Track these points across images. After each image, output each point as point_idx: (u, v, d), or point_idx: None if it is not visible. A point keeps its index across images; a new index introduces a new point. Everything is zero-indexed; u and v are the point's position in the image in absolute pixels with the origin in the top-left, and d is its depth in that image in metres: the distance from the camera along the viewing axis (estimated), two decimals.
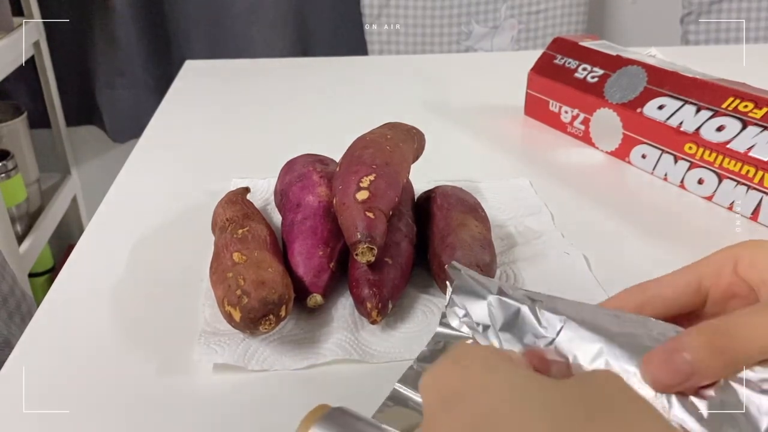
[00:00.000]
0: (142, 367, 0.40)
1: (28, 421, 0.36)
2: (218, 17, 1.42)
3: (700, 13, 1.36)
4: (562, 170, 0.63)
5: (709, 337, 0.25)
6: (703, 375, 0.25)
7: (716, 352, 0.25)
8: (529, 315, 0.31)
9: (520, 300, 0.32)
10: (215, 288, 0.40)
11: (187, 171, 0.64)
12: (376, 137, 0.48)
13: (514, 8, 1.42)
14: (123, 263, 0.49)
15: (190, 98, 0.83)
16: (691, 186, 0.58)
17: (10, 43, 1.24)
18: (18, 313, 0.74)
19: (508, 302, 0.32)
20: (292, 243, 0.44)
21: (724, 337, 0.25)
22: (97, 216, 0.56)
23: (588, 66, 0.68)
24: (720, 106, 0.56)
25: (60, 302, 0.46)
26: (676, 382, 0.25)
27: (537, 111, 0.73)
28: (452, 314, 0.34)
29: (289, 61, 1.07)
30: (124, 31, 1.40)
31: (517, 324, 0.31)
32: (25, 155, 1.39)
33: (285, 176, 0.51)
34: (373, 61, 1.14)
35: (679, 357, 0.25)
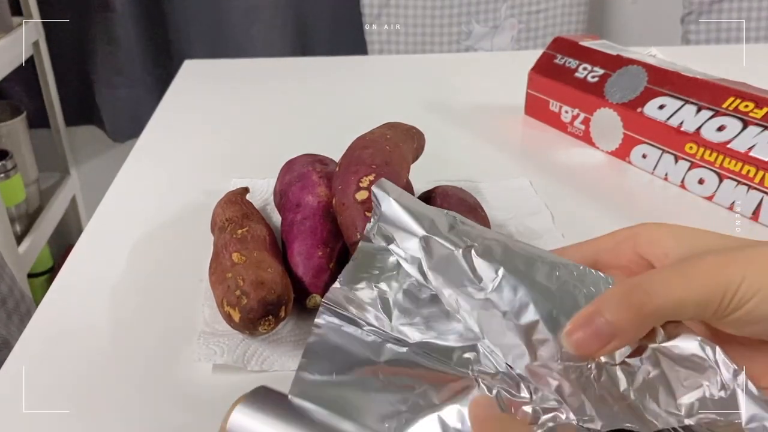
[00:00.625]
0: (141, 368, 0.39)
1: (28, 421, 0.36)
2: (218, 17, 1.42)
3: (700, 12, 1.36)
4: (562, 170, 0.63)
5: (626, 295, 0.26)
6: (624, 335, 0.26)
7: (633, 309, 0.26)
8: (462, 262, 0.30)
9: (454, 243, 0.31)
10: (214, 288, 0.40)
11: (187, 171, 0.64)
12: (375, 137, 0.48)
13: (515, 8, 1.42)
14: (122, 263, 0.49)
15: (190, 98, 0.83)
16: (691, 186, 0.58)
17: (9, 43, 1.24)
18: (17, 313, 0.74)
19: (439, 242, 0.31)
20: (291, 243, 0.44)
21: (640, 294, 0.26)
22: (97, 216, 0.56)
23: (588, 66, 0.68)
24: (720, 106, 0.56)
25: (59, 302, 0.45)
26: (598, 346, 0.26)
27: (537, 111, 0.73)
28: (377, 238, 0.33)
29: (288, 61, 1.07)
30: (123, 30, 1.40)
31: (449, 269, 0.31)
32: (24, 155, 1.39)
33: (284, 176, 0.51)
34: (373, 61, 1.14)
35: (599, 320, 0.26)
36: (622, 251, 0.31)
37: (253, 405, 0.29)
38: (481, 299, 0.30)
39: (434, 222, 0.32)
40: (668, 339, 0.27)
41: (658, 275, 0.27)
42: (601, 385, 0.27)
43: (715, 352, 0.26)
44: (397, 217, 0.32)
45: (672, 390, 0.26)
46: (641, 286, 0.26)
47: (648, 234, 0.31)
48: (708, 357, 0.26)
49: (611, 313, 0.26)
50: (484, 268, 0.30)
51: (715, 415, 0.25)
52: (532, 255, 0.31)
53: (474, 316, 0.30)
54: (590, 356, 0.26)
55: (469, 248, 0.31)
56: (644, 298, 0.26)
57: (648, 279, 0.27)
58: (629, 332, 0.26)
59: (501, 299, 0.29)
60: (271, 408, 0.29)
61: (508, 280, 0.30)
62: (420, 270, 0.32)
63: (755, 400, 0.25)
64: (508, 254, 0.31)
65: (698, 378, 0.26)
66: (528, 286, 0.29)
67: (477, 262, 0.30)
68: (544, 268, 0.30)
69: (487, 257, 0.30)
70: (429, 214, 0.32)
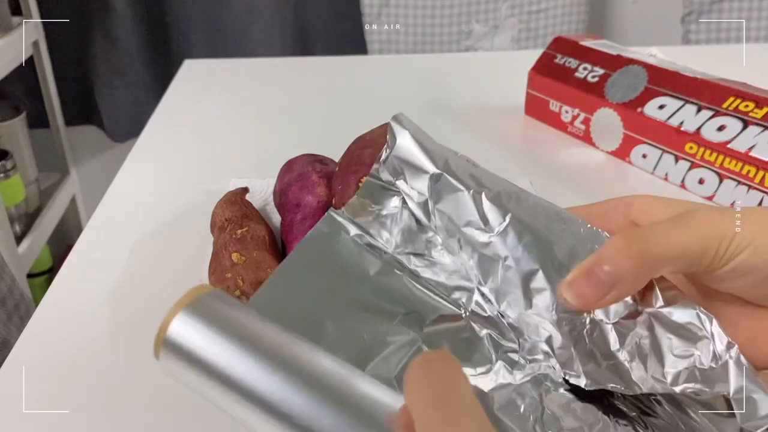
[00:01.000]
0: (141, 368, 0.39)
1: (28, 421, 0.36)
2: (218, 16, 1.42)
3: (701, 12, 1.35)
4: (562, 170, 0.63)
5: (626, 243, 0.27)
6: (624, 284, 0.26)
7: (633, 257, 0.26)
8: (470, 202, 0.30)
9: (466, 183, 0.31)
10: None
11: (186, 171, 0.63)
12: (375, 137, 0.48)
13: (515, 7, 1.42)
14: (122, 263, 0.49)
15: (189, 98, 0.83)
16: (691, 186, 0.58)
17: (9, 43, 1.24)
18: (16, 314, 0.74)
19: (450, 182, 0.31)
20: (291, 243, 0.44)
21: (640, 242, 0.27)
22: (96, 216, 0.56)
23: (588, 65, 0.68)
24: (721, 106, 0.56)
25: (59, 302, 0.45)
26: (599, 295, 0.26)
27: (537, 110, 0.73)
28: (386, 172, 0.32)
29: (288, 61, 1.07)
30: (123, 30, 1.40)
31: (457, 209, 0.30)
32: (23, 155, 1.39)
33: (284, 176, 0.51)
34: (373, 61, 1.13)
35: (599, 269, 0.26)
36: (614, 217, 0.32)
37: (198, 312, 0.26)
38: (484, 242, 0.30)
39: (448, 161, 0.31)
40: (666, 305, 0.27)
41: (657, 226, 0.27)
42: (593, 341, 0.27)
43: (711, 323, 0.26)
44: (410, 151, 0.32)
45: (662, 357, 0.26)
46: (642, 235, 0.27)
47: (641, 203, 0.31)
48: (704, 327, 0.26)
49: (612, 261, 0.26)
50: (493, 212, 0.30)
51: (702, 386, 0.25)
52: (542, 207, 0.31)
53: (474, 259, 0.30)
54: (590, 307, 0.27)
55: (480, 191, 0.30)
56: (644, 245, 0.26)
57: (648, 229, 0.27)
58: (629, 280, 0.26)
59: (504, 244, 0.29)
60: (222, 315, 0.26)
61: (515, 226, 0.29)
62: (425, 209, 0.31)
63: (745, 373, 0.25)
64: (519, 203, 0.30)
65: (690, 347, 0.26)
66: (533, 235, 0.29)
67: (486, 206, 0.30)
68: (552, 221, 0.30)
69: (496, 202, 0.30)
70: (443, 153, 0.32)
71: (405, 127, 0.33)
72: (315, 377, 0.24)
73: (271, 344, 0.25)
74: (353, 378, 0.24)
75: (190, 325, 0.25)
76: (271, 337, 0.25)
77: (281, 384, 0.23)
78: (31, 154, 1.42)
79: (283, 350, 0.25)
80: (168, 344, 0.25)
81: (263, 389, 0.23)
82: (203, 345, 0.25)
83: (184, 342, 0.25)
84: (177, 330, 0.25)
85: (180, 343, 0.25)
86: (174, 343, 0.25)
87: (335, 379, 0.24)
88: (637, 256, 0.26)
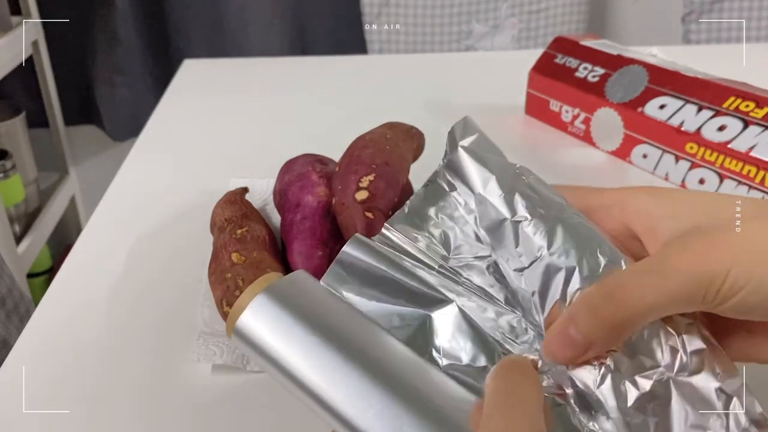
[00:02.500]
0: (140, 368, 0.39)
1: (28, 421, 0.36)
2: (218, 16, 1.42)
3: (701, 12, 1.35)
4: (562, 170, 0.63)
5: (596, 306, 0.25)
6: (599, 345, 0.25)
7: (604, 321, 0.24)
8: (509, 232, 0.29)
9: (508, 208, 0.30)
10: (214, 288, 0.40)
11: (186, 170, 0.63)
12: (375, 137, 0.48)
13: (515, 7, 1.42)
14: (121, 263, 0.49)
15: (189, 97, 0.83)
16: (692, 186, 0.58)
17: (8, 43, 1.24)
18: (16, 314, 0.74)
19: (493, 207, 0.30)
20: (291, 243, 0.44)
21: (610, 306, 0.25)
22: (96, 216, 0.56)
23: (589, 65, 0.68)
24: (721, 106, 0.56)
25: (58, 302, 0.45)
26: (574, 355, 0.25)
27: (538, 110, 0.73)
28: (442, 184, 0.32)
29: (288, 60, 1.07)
30: (123, 28, 1.40)
31: (497, 234, 0.30)
32: (23, 155, 1.39)
33: (284, 176, 0.50)
34: (373, 61, 1.13)
35: (572, 330, 0.25)
36: (609, 217, 0.30)
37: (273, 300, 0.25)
38: (517, 272, 0.29)
39: (496, 180, 0.31)
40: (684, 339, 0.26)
41: (632, 280, 0.25)
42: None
43: (731, 402, 0.25)
44: (462, 167, 0.31)
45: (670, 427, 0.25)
46: (612, 296, 0.25)
47: (636, 204, 0.29)
48: (721, 405, 0.25)
49: (583, 323, 0.25)
50: (528, 245, 0.29)
51: None
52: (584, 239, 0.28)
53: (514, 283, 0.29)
54: (570, 363, 0.26)
55: (518, 222, 0.29)
56: (614, 309, 0.24)
57: (619, 286, 0.25)
58: (604, 343, 0.25)
59: (530, 282, 0.28)
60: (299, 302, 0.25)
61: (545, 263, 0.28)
62: (475, 223, 0.31)
63: None
64: (561, 234, 0.29)
65: (703, 420, 0.25)
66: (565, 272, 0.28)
67: (522, 237, 0.29)
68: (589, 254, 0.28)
69: (536, 232, 0.29)
70: (494, 169, 0.31)
71: (461, 138, 0.32)
72: (390, 377, 0.23)
73: (346, 340, 0.24)
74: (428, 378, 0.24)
75: (261, 316, 0.25)
76: (345, 332, 0.25)
77: (354, 391, 0.23)
78: (30, 154, 1.42)
79: (358, 345, 0.24)
80: (239, 332, 0.25)
81: (331, 393, 0.23)
82: (274, 341, 0.24)
83: (254, 333, 0.24)
84: (247, 320, 0.25)
85: (250, 334, 0.25)
86: (244, 333, 0.25)
87: (410, 380, 0.24)
88: (609, 320, 0.24)
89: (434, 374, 0.25)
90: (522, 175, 0.31)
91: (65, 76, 1.47)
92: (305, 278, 0.27)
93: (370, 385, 0.23)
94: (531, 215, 0.29)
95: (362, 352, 0.24)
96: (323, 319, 0.25)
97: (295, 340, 0.24)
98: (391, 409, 0.22)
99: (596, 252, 0.28)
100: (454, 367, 0.28)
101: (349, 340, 0.24)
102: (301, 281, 0.27)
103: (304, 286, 0.26)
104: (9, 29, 1.26)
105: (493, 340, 0.29)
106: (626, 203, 0.29)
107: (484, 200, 0.30)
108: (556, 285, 0.28)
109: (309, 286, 0.27)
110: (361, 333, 0.25)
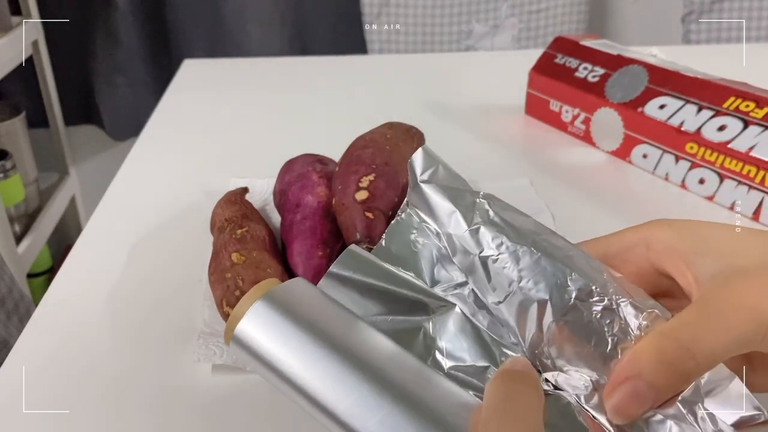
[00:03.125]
0: (140, 368, 0.39)
1: (28, 421, 0.36)
2: (217, 16, 1.42)
3: (701, 12, 1.35)
4: (562, 170, 0.63)
5: (665, 353, 0.24)
6: (665, 394, 0.24)
7: (674, 370, 0.24)
8: (479, 267, 0.29)
9: (475, 244, 0.29)
10: (214, 288, 0.40)
11: (186, 170, 0.63)
12: (375, 137, 0.48)
13: (515, 7, 1.42)
14: (121, 263, 0.49)
15: (189, 97, 0.83)
16: (692, 186, 0.58)
17: (8, 43, 1.24)
18: (16, 314, 0.74)
19: (459, 242, 0.30)
20: (291, 243, 0.44)
21: (680, 352, 0.24)
22: (96, 216, 0.56)
23: (589, 65, 0.68)
24: (721, 106, 0.56)
25: (58, 302, 0.45)
26: (640, 409, 0.24)
27: (538, 110, 0.73)
28: (410, 215, 0.32)
29: (288, 60, 1.07)
30: (123, 29, 1.40)
31: (470, 268, 0.30)
32: (23, 155, 1.39)
33: (284, 176, 0.50)
34: (373, 61, 1.13)
35: (638, 383, 0.24)
36: (632, 258, 0.29)
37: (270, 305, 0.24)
38: (494, 304, 0.29)
39: (461, 214, 0.30)
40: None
41: (695, 324, 0.24)
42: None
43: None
44: (426, 202, 0.31)
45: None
46: (679, 342, 0.24)
47: (662, 240, 0.28)
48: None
49: (650, 374, 0.24)
50: (499, 279, 0.29)
51: None
52: (554, 267, 0.28)
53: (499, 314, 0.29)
54: (638, 417, 0.25)
55: (487, 257, 0.29)
56: (685, 356, 0.24)
57: (684, 331, 0.24)
58: (671, 392, 0.24)
59: (507, 313, 0.29)
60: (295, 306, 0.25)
61: (518, 298, 0.28)
62: (450, 253, 0.31)
63: None
64: (530, 266, 0.28)
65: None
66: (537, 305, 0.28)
67: (493, 272, 0.29)
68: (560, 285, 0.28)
69: (505, 267, 0.28)
70: (457, 202, 0.30)
71: (420, 173, 0.32)
72: (392, 384, 0.23)
73: (346, 347, 0.24)
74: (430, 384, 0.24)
75: (259, 323, 0.24)
76: (345, 339, 0.24)
77: (356, 399, 0.23)
78: (30, 154, 1.42)
79: (358, 352, 0.24)
80: (237, 340, 0.25)
81: (333, 402, 0.23)
82: (273, 348, 0.24)
83: (253, 340, 0.24)
84: (246, 327, 0.24)
85: (249, 341, 0.24)
86: (243, 340, 0.24)
87: (411, 386, 0.23)
88: (679, 369, 0.24)
89: (436, 379, 0.25)
90: (487, 203, 0.31)
91: (65, 76, 1.47)
92: (303, 285, 0.27)
93: (371, 392, 0.23)
94: (497, 248, 0.29)
95: (363, 359, 0.24)
96: (323, 325, 0.25)
97: (294, 347, 0.24)
98: (394, 416, 0.22)
99: (566, 281, 0.27)
100: (458, 368, 0.28)
101: (350, 347, 0.24)
102: (299, 288, 0.26)
103: (302, 292, 0.26)
104: (9, 29, 1.26)
105: (494, 341, 0.29)
106: (650, 242, 0.29)
107: (451, 236, 0.30)
108: (531, 317, 0.28)
109: (307, 292, 0.26)
110: (361, 339, 0.25)
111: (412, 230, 0.32)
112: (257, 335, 0.24)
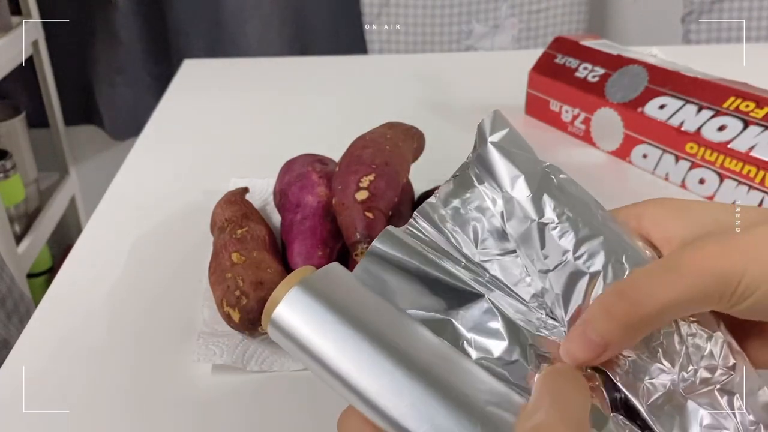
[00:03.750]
0: (140, 368, 0.39)
1: (28, 421, 0.36)
2: (217, 16, 1.42)
3: (701, 12, 1.35)
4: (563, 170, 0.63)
5: (610, 306, 0.25)
6: (617, 345, 0.25)
7: (619, 321, 0.25)
8: (536, 233, 0.29)
9: (535, 209, 0.29)
10: (214, 288, 0.40)
11: (186, 171, 0.63)
12: (375, 137, 0.48)
13: (515, 7, 1.42)
14: (121, 263, 0.49)
15: (189, 97, 0.83)
16: (692, 186, 0.58)
17: (8, 43, 1.24)
18: (16, 314, 0.74)
19: (520, 206, 0.30)
20: (291, 243, 0.44)
21: (624, 305, 0.25)
22: (96, 216, 0.56)
23: (589, 65, 0.68)
24: (721, 106, 0.56)
25: (58, 302, 0.45)
26: (592, 356, 0.25)
27: (538, 110, 0.73)
28: (471, 177, 0.32)
29: (288, 61, 1.07)
30: (123, 28, 1.40)
31: (523, 234, 0.30)
32: (23, 155, 1.39)
33: (284, 176, 0.50)
34: (373, 61, 1.13)
35: (589, 332, 0.25)
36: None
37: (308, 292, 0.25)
38: (542, 272, 0.29)
39: (524, 179, 0.30)
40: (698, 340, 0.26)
41: (644, 279, 0.25)
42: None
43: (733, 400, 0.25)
44: (491, 163, 0.31)
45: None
46: (625, 295, 0.25)
47: (652, 215, 0.29)
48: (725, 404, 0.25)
49: (598, 324, 0.25)
50: (554, 248, 0.29)
51: None
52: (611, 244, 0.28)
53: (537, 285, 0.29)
54: (588, 365, 0.26)
55: (545, 224, 0.29)
56: (628, 308, 0.25)
57: (632, 285, 0.25)
58: (621, 342, 0.25)
59: (554, 284, 0.29)
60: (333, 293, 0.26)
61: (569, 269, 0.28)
62: (502, 218, 0.31)
63: None
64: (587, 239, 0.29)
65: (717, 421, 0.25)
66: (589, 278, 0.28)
67: (548, 239, 0.29)
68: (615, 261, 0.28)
69: (562, 236, 0.29)
70: (523, 167, 0.31)
71: (491, 133, 0.32)
72: (423, 368, 0.24)
73: (379, 332, 0.25)
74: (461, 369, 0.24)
75: (296, 308, 0.25)
76: (378, 324, 0.25)
77: (388, 382, 0.23)
78: (30, 154, 1.42)
79: (391, 336, 0.25)
80: (274, 323, 0.25)
81: (365, 384, 0.24)
82: (309, 332, 0.25)
83: (289, 324, 0.25)
84: (283, 312, 0.25)
85: (286, 325, 0.25)
86: (280, 324, 0.25)
87: (442, 371, 0.24)
88: (624, 319, 0.25)
89: (466, 365, 0.25)
90: (551, 175, 0.31)
91: (65, 76, 1.47)
92: (339, 270, 0.28)
93: (403, 376, 0.24)
94: (558, 218, 0.29)
95: (395, 344, 0.25)
96: (357, 311, 0.25)
97: (329, 331, 0.25)
98: (424, 399, 0.23)
99: (621, 258, 0.28)
100: (486, 359, 0.28)
101: (383, 332, 0.25)
102: (334, 274, 0.27)
103: (337, 278, 0.27)
104: (9, 29, 1.26)
105: (525, 331, 0.29)
106: (643, 216, 0.30)
107: (511, 199, 0.30)
108: (579, 290, 0.28)
109: (342, 278, 0.27)
110: (393, 324, 0.26)
111: (467, 193, 0.32)
112: (293, 320, 0.25)
